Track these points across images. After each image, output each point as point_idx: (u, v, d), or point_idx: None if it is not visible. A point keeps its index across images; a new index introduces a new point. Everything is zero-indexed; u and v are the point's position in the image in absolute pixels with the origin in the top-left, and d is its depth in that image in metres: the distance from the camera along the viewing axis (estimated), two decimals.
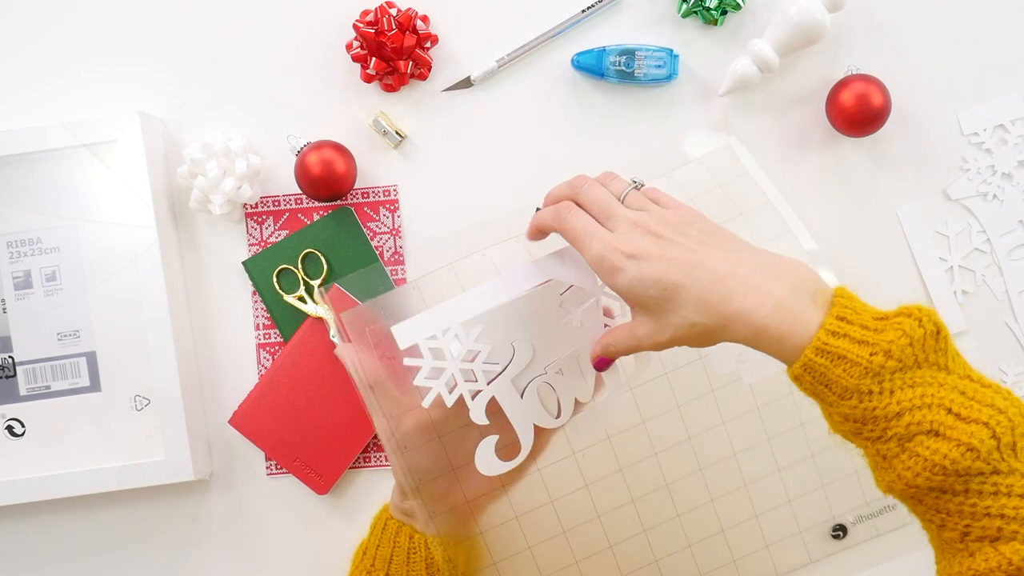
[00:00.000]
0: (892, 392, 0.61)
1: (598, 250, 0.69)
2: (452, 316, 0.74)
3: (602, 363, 0.76)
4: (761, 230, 0.84)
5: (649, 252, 0.67)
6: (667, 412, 0.86)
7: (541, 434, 0.78)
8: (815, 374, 0.63)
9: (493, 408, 0.75)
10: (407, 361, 0.74)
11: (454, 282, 0.81)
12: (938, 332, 0.63)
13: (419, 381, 0.74)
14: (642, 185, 0.75)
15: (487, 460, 0.76)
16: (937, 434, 0.60)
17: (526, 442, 0.76)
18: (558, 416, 0.77)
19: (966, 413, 0.60)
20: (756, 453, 0.87)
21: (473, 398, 0.74)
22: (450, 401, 0.74)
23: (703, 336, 0.67)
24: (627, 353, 0.73)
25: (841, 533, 0.87)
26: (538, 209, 0.77)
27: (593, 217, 0.72)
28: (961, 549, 0.61)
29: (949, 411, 0.60)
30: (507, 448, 0.77)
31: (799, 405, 0.86)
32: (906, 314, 0.63)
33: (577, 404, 0.78)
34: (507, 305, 0.74)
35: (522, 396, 0.76)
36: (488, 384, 0.74)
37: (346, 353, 0.80)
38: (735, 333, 0.65)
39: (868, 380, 0.61)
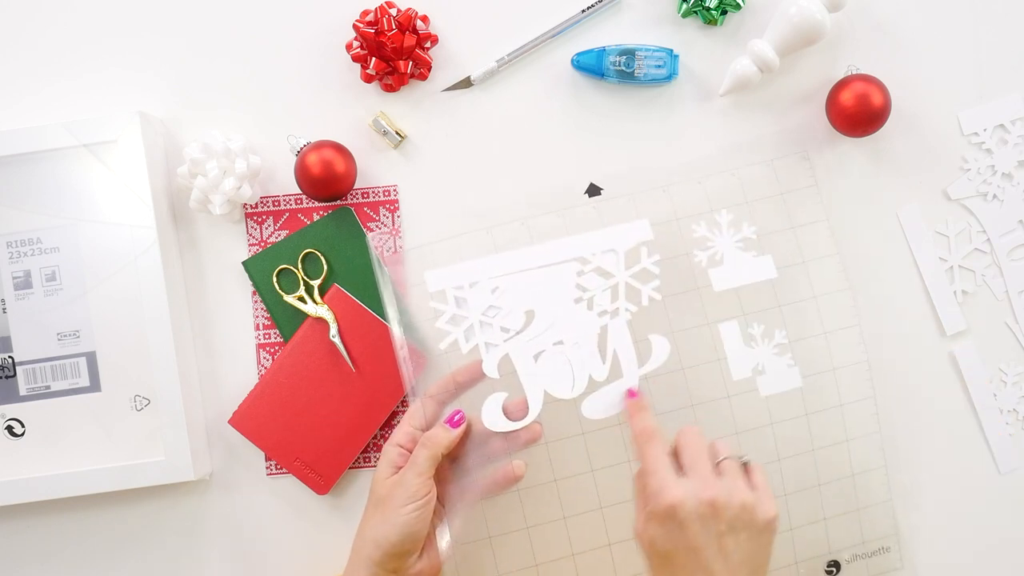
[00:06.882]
0: None
1: (654, 485, 0.72)
2: (481, 272, 0.79)
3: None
4: (807, 248, 0.85)
5: (684, 522, 0.70)
6: (682, 409, 0.86)
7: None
8: None
9: (506, 368, 0.80)
10: (432, 304, 0.80)
11: (490, 244, 0.85)
12: None
13: (440, 324, 0.79)
14: (747, 462, 0.76)
15: (493, 416, 0.80)
16: None
17: (535, 406, 0.80)
18: (572, 390, 0.81)
19: None
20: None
21: (488, 351, 0.79)
22: (466, 348, 0.79)
23: None
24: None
25: (835, 570, 0.87)
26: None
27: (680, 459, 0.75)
28: None
29: None
30: (515, 409, 0.81)
31: (813, 432, 0.86)
32: None
33: (592, 383, 0.81)
34: (526, 273, 0.79)
35: (536, 361, 0.80)
36: (504, 342, 0.80)
37: None
38: None
39: None
